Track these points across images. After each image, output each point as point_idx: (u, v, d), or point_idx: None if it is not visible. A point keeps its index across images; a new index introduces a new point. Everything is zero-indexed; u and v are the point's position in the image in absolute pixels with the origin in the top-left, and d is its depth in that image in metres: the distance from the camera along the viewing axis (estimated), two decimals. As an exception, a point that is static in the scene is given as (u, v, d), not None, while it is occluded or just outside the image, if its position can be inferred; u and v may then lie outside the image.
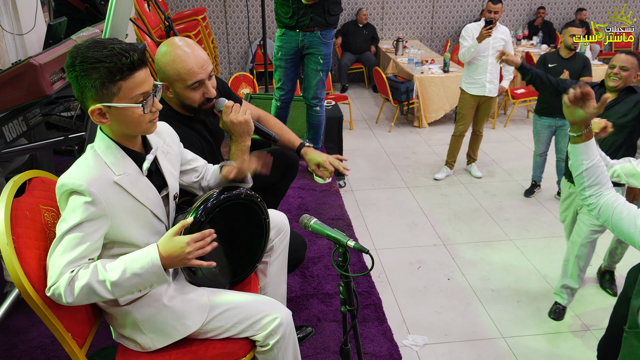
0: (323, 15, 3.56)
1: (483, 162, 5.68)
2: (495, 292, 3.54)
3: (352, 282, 1.59)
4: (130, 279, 1.42)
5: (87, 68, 1.37)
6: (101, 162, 1.48)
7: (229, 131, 1.94)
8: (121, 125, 1.48)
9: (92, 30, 2.44)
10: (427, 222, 4.46)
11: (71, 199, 1.41)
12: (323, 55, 3.68)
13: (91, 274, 1.40)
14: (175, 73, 1.86)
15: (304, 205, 3.43)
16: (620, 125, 2.91)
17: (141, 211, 1.55)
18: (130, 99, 1.43)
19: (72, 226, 1.40)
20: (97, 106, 1.42)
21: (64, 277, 1.38)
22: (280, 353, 1.70)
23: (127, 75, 1.40)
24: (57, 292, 1.39)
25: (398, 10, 8.84)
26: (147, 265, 1.43)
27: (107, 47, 1.38)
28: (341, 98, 6.80)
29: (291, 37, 3.64)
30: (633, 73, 2.93)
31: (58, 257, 1.39)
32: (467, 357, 2.95)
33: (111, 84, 1.39)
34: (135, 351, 1.64)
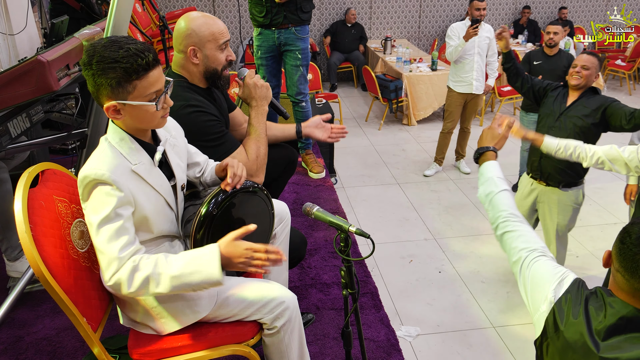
0: (296, 12, 3.64)
1: (471, 158, 5.78)
2: (485, 284, 3.64)
3: (353, 267, 1.66)
4: (189, 275, 1.47)
5: (104, 67, 1.43)
6: (117, 152, 1.54)
7: (249, 97, 2.10)
8: (134, 120, 1.55)
9: (93, 28, 2.49)
10: (417, 217, 4.55)
11: (96, 190, 1.46)
12: (301, 50, 3.75)
13: (153, 266, 1.45)
14: (209, 33, 2.00)
15: (299, 200, 3.51)
16: (581, 126, 2.98)
17: (156, 199, 1.62)
18: (144, 97, 1.50)
19: (106, 215, 1.45)
20: (112, 103, 1.48)
21: (126, 266, 1.44)
22: (287, 335, 1.77)
23: (142, 75, 1.47)
24: (119, 281, 1.44)
25: (386, 10, 8.94)
26: (207, 264, 1.48)
27: (123, 47, 1.44)
28: (331, 97, 6.88)
29: (267, 36, 3.71)
30: (594, 72, 3.00)
31: (107, 247, 1.44)
32: (459, 347, 3.03)
33: (127, 83, 1.46)
34: (147, 335, 1.70)
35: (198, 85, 2.10)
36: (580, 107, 3.00)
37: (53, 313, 2.51)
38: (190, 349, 1.68)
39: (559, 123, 3.05)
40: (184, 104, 1.97)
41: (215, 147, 2.01)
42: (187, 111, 1.98)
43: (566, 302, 1.34)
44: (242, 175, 1.73)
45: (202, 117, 2.00)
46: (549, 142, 2.61)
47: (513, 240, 1.54)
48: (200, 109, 2.00)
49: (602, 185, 5.18)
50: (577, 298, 1.33)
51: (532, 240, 1.51)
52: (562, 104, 3.08)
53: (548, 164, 3.11)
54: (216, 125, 2.04)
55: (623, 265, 1.21)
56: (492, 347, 3.05)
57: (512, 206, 1.62)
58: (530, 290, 1.44)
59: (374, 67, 7.85)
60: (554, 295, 1.37)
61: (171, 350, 1.67)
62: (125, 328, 2.31)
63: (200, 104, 2.03)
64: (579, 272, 3.76)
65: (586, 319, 1.28)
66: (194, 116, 1.98)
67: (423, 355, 2.95)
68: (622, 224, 4.33)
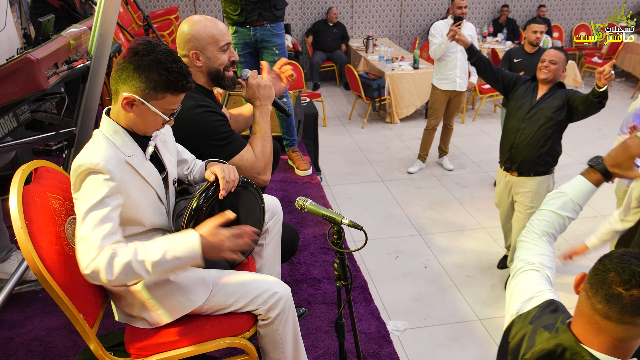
0: (270, 10, 3.67)
1: (454, 155, 5.87)
2: (470, 278, 3.70)
3: (346, 259, 1.69)
4: (170, 261, 1.49)
5: (154, 68, 1.50)
6: (111, 144, 1.57)
7: (253, 97, 2.13)
8: (139, 120, 1.59)
9: (80, 27, 2.48)
10: (402, 214, 4.60)
11: (89, 178, 1.48)
12: (277, 45, 3.78)
13: (132, 252, 1.46)
14: (210, 36, 2.04)
15: (286, 198, 3.53)
16: (551, 117, 3.13)
17: (148, 191, 1.64)
18: (164, 109, 1.58)
19: (95, 203, 1.46)
20: (135, 97, 1.53)
21: (103, 253, 1.43)
22: (281, 326, 1.80)
23: (177, 93, 1.56)
24: (96, 269, 1.42)
25: (367, 9, 9.00)
26: (188, 250, 1.50)
27: (178, 63, 1.54)
28: (314, 96, 6.91)
29: (243, 34, 3.73)
30: (561, 67, 3.15)
31: (90, 234, 1.44)
32: (446, 340, 3.09)
33: (162, 91, 1.53)
34: (143, 330, 1.71)
35: (203, 86, 2.14)
36: (550, 99, 3.16)
37: (43, 313, 2.50)
38: (187, 342, 1.69)
39: (531, 115, 3.19)
40: (195, 104, 2.01)
41: (224, 145, 2.04)
42: (199, 111, 2.01)
43: (525, 317, 1.31)
44: (234, 178, 1.77)
45: (213, 117, 2.04)
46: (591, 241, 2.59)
47: (519, 250, 1.52)
48: (210, 109, 2.05)
49: (581, 179, 5.29)
50: (535, 317, 1.29)
51: (535, 254, 1.47)
52: (532, 97, 3.22)
53: (519, 154, 3.26)
54: (225, 124, 2.08)
55: (590, 281, 1.12)
56: (478, 340, 3.11)
57: (544, 226, 1.53)
58: (509, 299, 1.43)
59: (356, 66, 7.90)
60: (519, 308, 1.35)
61: (168, 344, 1.69)
62: (117, 326, 2.32)
63: (209, 104, 2.07)
64: (561, 264, 3.85)
65: (528, 340, 1.25)
66: (205, 116, 2.02)
67: (411, 349, 3.00)
68: (601, 216, 4.45)
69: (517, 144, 3.24)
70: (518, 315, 1.34)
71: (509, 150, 3.29)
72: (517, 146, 3.23)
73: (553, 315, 1.27)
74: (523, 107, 3.23)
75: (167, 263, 1.48)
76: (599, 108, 3.02)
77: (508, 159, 3.33)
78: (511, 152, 3.29)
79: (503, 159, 3.40)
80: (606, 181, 1.53)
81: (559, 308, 1.30)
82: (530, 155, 3.21)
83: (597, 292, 1.09)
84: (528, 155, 3.21)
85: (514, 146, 3.25)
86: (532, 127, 3.17)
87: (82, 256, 1.44)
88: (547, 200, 1.59)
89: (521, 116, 3.22)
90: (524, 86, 3.30)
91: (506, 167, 3.39)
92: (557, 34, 9.44)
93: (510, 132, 3.28)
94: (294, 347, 1.88)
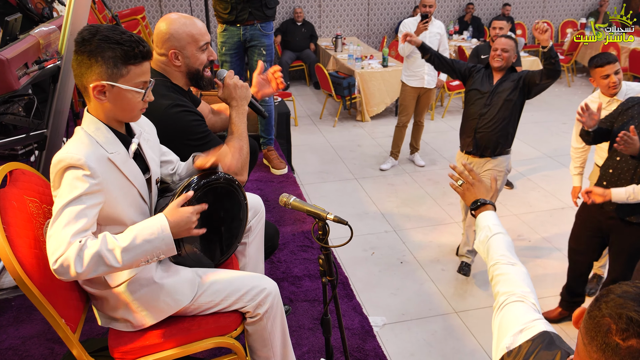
0: (261, 8, 3.65)
1: (425, 151, 5.94)
2: (445, 272, 3.75)
3: (331, 254, 1.70)
4: (141, 245, 1.45)
5: (105, 46, 1.46)
6: (93, 140, 1.53)
7: (229, 97, 2.09)
8: (116, 106, 1.55)
9: (49, 26, 2.42)
10: (376, 211, 4.63)
11: (68, 173, 1.44)
12: (265, 46, 3.77)
13: (101, 242, 1.41)
14: (189, 35, 2.00)
15: (263, 197, 3.51)
16: (508, 100, 3.37)
17: (130, 190, 1.61)
18: (134, 84, 1.53)
19: (72, 199, 1.42)
20: (102, 83, 1.49)
21: (72, 247, 1.38)
22: (270, 322, 1.78)
23: (138, 62, 1.52)
24: (65, 262, 1.37)
25: (335, 8, 9.03)
26: (157, 231, 1.47)
27: (126, 33, 1.50)
28: (285, 95, 6.89)
29: (232, 32, 3.71)
30: (512, 54, 3.38)
31: (61, 229, 1.40)
32: (424, 334, 3.13)
33: (123, 65, 1.49)
34: (128, 333, 1.67)
35: (180, 86, 2.11)
36: (505, 83, 3.39)
37: (17, 322, 2.43)
38: (173, 344, 1.66)
39: (490, 101, 3.41)
40: (171, 103, 1.97)
41: (200, 146, 2.01)
42: (175, 110, 1.98)
43: (517, 354, 1.22)
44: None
45: (189, 116, 2.01)
46: (617, 192, 2.63)
47: (496, 285, 1.45)
48: (186, 109, 2.01)
49: (548, 172, 5.43)
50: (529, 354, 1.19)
51: (516, 284, 1.40)
52: (489, 84, 3.45)
53: (483, 137, 3.47)
54: (202, 124, 2.05)
55: (586, 326, 1.00)
56: (455, 332, 3.15)
57: (504, 248, 1.53)
58: (497, 334, 1.33)
59: (325, 65, 7.92)
60: (510, 342, 1.26)
61: (154, 347, 1.66)
62: (96, 331, 2.27)
63: (186, 104, 2.04)
64: (532, 255, 3.94)
65: None
66: (181, 115, 1.99)
67: (390, 344, 3.02)
68: (569, 208, 4.56)
69: (479, 128, 3.45)
70: (508, 352, 1.24)
71: (473, 135, 3.48)
72: (479, 131, 3.45)
73: (550, 352, 1.17)
74: (482, 94, 3.45)
75: (137, 248, 1.45)
76: (554, 72, 3.22)
77: (471, 143, 3.51)
78: (475, 137, 3.48)
79: (465, 144, 3.59)
80: None
81: (554, 341, 1.20)
82: (493, 137, 3.43)
83: (593, 340, 0.98)
84: (492, 137, 3.43)
85: (477, 131, 3.45)
86: (492, 111, 3.40)
87: (51, 251, 1.40)
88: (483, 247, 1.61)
89: (482, 102, 3.44)
90: (479, 74, 3.52)
91: (468, 151, 3.58)
92: (520, 31, 9.65)
93: (472, 118, 3.49)
94: (282, 343, 1.88)
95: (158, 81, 2.01)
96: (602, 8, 9.53)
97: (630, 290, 0.97)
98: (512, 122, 3.45)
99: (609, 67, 2.98)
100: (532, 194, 4.96)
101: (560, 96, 8.11)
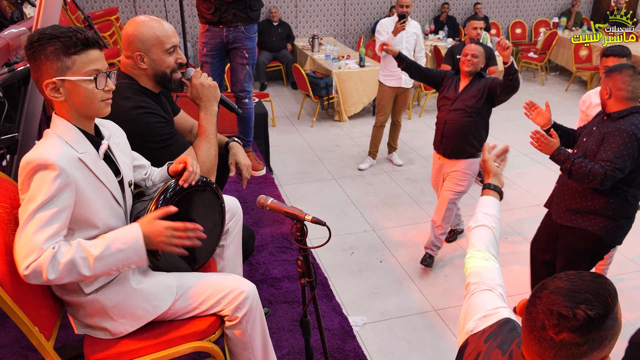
0: (245, 10, 3.61)
1: (403, 150, 5.98)
2: (424, 270, 3.78)
3: (310, 255, 1.69)
4: (113, 254, 1.45)
5: (44, 43, 1.45)
6: (63, 141, 1.51)
7: (197, 97, 2.06)
8: (75, 101, 1.53)
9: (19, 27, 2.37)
10: (355, 210, 4.64)
11: (38, 175, 1.41)
12: (248, 49, 3.74)
13: (74, 250, 1.40)
14: (154, 37, 1.96)
15: (241, 198, 3.50)
16: (472, 106, 3.46)
17: (102, 190, 1.58)
18: (83, 73, 1.50)
19: (42, 202, 1.40)
20: (52, 80, 1.47)
21: (45, 253, 1.37)
22: (249, 326, 1.77)
23: (80, 50, 1.49)
24: (38, 269, 1.36)
25: (311, 9, 9.03)
26: (130, 241, 1.46)
27: (66, 27, 1.49)
28: (262, 95, 6.87)
29: (215, 33, 3.67)
30: (481, 60, 3.49)
31: (33, 234, 1.38)
32: (404, 332, 3.14)
33: (65, 57, 1.47)
34: (104, 340, 1.65)
35: (149, 88, 2.08)
36: (471, 90, 3.49)
37: (-12, 330, 2.37)
38: (150, 350, 1.64)
39: (455, 106, 3.50)
40: (133, 105, 1.95)
41: (163, 148, 1.98)
42: (137, 112, 1.95)
43: (480, 336, 1.28)
44: (197, 172, 1.73)
45: (151, 118, 1.98)
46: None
47: (469, 276, 1.50)
48: (149, 111, 1.98)
49: (523, 170, 5.50)
50: (490, 336, 1.25)
51: (487, 275, 1.46)
52: (456, 89, 3.55)
53: (449, 142, 3.58)
54: (165, 127, 2.02)
55: (524, 320, 1.08)
56: (435, 330, 3.17)
57: (484, 241, 1.57)
58: (463, 317, 1.40)
59: (302, 65, 7.91)
60: (474, 326, 1.32)
61: (130, 353, 1.63)
62: (71, 338, 2.23)
63: (150, 105, 2.00)
64: (509, 252, 3.99)
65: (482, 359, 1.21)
66: (143, 117, 1.96)
67: (370, 344, 3.03)
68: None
69: (445, 133, 3.56)
70: (472, 334, 1.32)
71: (440, 139, 3.60)
72: (446, 136, 3.55)
73: (509, 335, 1.24)
74: (448, 99, 3.55)
75: (110, 257, 1.45)
76: (513, 87, 3.30)
77: (440, 147, 3.64)
78: (442, 141, 3.59)
79: (436, 146, 3.72)
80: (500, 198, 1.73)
81: (515, 328, 1.27)
82: (458, 142, 3.53)
83: (531, 334, 1.05)
84: (456, 142, 3.53)
85: (444, 135, 3.56)
86: (456, 116, 3.49)
87: (21, 257, 1.37)
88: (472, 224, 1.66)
89: (447, 108, 3.54)
90: (449, 79, 3.62)
91: (438, 152, 3.72)
92: (494, 30, 9.77)
93: (440, 123, 3.61)
94: (263, 347, 1.86)
95: (125, 84, 1.99)
96: (574, 8, 9.70)
97: (562, 286, 1.04)
98: (478, 129, 3.55)
99: (614, 60, 2.93)
100: (508, 191, 5.02)
101: (534, 95, 8.22)
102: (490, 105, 3.52)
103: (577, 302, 1.00)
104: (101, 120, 1.71)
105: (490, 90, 3.42)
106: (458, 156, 3.58)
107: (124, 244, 1.47)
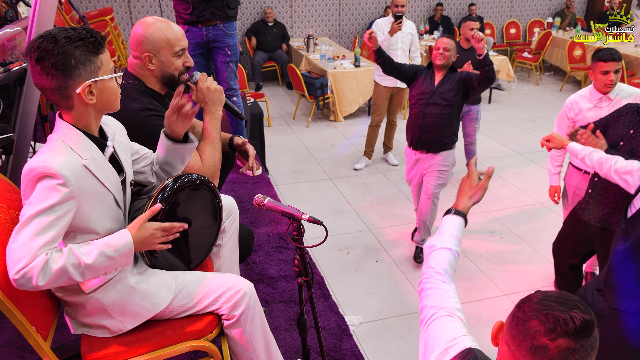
0: (223, 9, 3.63)
1: (398, 150, 5.98)
2: (420, 269, 3.77)
3: (307, 255, 1.70)
4: (104, 261, 1.46)
5: (69, 48, 1.43)
6: (67, 147, 1.50)
7: (203, 101, 2.06)
8: (103, 100, 1.54)
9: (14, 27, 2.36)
10: (351, 210, 4.65)
11: (41, 183, 1.41)
12: (229, 46, 3.75)
13: (66, 257, 1.40)
14: (164, 40, 1.97)
15: (238, 198, 3.50)
16: (449, 99, 3.52)
17: (105, 196, 1.58)
18: (110, 71, 1.53)
19: (43, 208, 1.39)
20: (88, 83, 1.47)
21: (38, 260, 1.37)
22: (248, 324, 1.77)
23: (103, 49, 1.51)
24: (29, 274, 1.36)
25: (307, 9, 9.03)
26: (122, 249, 1.47)
27: (76, 29, 1.47)
28: (258, 96, 6.87)
29: (195, 33, 3.68)
30: (453, 53, 3.55)
31: (29, 240, 1.37)
32: (400, 331, 3.15)
33: (96, 57, 1.48)
34: (102, 338, 1.65)
35: (155, 90, 2.08)
36: (447, 84, 3.54)
37: (-16, 332, 2.37)
38: (147, 348, 1.65)
39: (433, 101, 3.55)
40: (141, 107, 1.95)
41: None
42: (144, 115, 1.96)
43: None
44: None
45: (158, 121, 1.98)
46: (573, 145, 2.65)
47: (425, 298, 1.44)
48: (156, 113, 1.99)
49: (519, 169, 5.53)
50: None
51: (445, 299, 1.39)
52: (431, 84, 3.60)
53: (427, 136, 3.62)
54: None
55: (511, 332, 1.00)
56: (431, 328, 3.18)
57: (444, 264, 1.50)
58: (423, 352, 1.33)
59: (298, 65, 7.91)
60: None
61: (127, 352, 1.64)
62: (67, 338, 2.23)
63: (157, 108, 2.01)
64: (504, 251, 4.01)
65: None
66: (149, 120, 1.97)
67: (367, 343, 3.03)
68: (540, 205, 4.66)
69: (424, 127, 3.59)
70: None
71: (419, 133, 3.62)
72: (424, 129, 3.59)
73: None
74: (425, 94, 3.59)
75: (101, 264, 1.47)
76: (490, 77, 3.35)
77: (417, 141, 3.66)
78: (420, 135, 3.62)
79: (412, 141, 3.73)
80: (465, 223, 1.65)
81: (477, 358, 1.19)
82: (437, 135, 3.59)
83: (521, 345, 0.97)
84: (435, 135, 3.58)
85: (422, 129, 3.59)
86: (435, 110, 3.54)
87: (13, 260, 1.37)
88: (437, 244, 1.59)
89: (424, 102, 3.58)
90: (421, 74, 3.67)
91: (414, 147, 3.73)
92: (489, 30, 9.80)
93: (417, 118, 3.64)
94: (265, 346, 1.86)
95: (132, 84, 1.99)
96: (570, 9, 9.74)
97: (550, 294, 0.99)
98: (454, 121, 3.64)
99: (612, 64, 2.91)
100: (503, 190, 5.04)
101: (529, 94, 8.26)
102: (465, 98, 3.60)
103: (569, 307, 0.97)
104: (103, 117, 1.70)
105: (466, 84, 3.49)
106: (437, 150, 3.63)
107: (115, 251, 1.48)
